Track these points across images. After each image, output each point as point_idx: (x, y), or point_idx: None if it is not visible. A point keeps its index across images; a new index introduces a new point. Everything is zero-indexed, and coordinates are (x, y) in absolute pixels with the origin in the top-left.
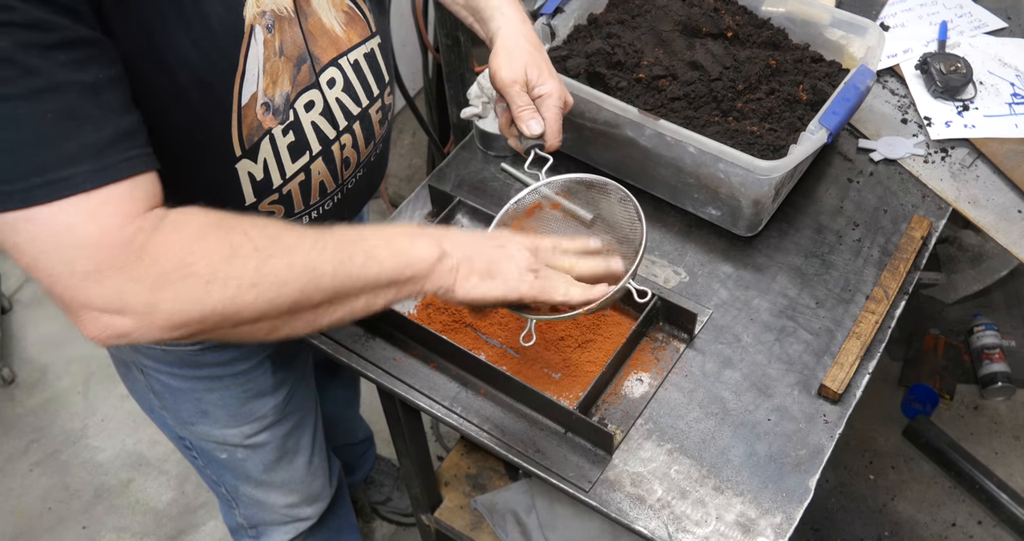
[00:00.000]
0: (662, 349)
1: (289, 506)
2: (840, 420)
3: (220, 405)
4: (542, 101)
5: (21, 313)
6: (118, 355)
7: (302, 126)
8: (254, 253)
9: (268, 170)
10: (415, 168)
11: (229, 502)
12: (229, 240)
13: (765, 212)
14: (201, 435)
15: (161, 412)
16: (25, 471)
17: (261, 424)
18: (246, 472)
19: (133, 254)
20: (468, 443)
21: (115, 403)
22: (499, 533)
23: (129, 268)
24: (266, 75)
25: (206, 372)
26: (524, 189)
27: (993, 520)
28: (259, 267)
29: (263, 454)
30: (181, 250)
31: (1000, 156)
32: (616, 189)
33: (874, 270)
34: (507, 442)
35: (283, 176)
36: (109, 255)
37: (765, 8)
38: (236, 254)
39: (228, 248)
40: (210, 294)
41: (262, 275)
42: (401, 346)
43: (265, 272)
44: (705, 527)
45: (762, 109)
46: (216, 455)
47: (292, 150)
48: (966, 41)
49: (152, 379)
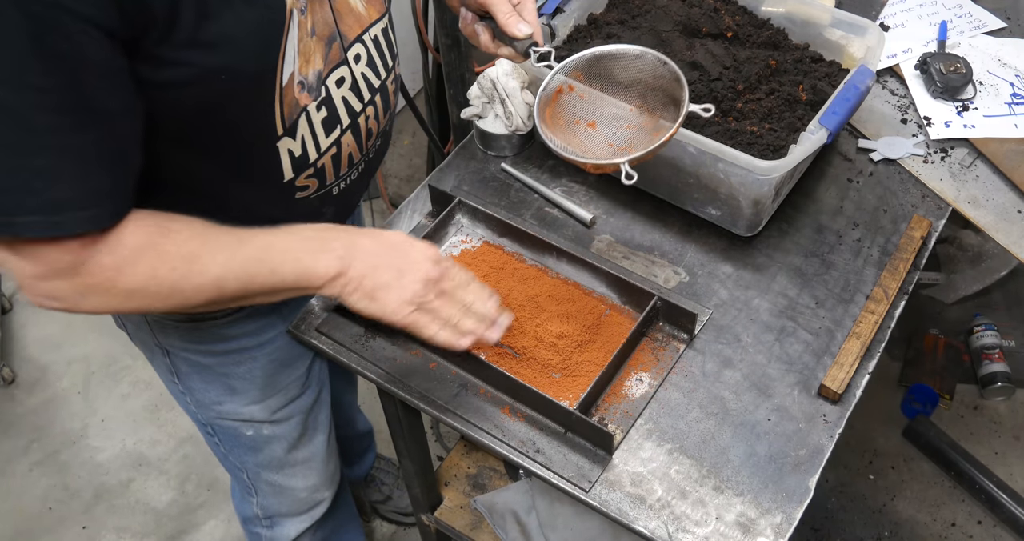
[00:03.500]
0: (662, 349)
1: (310, 489)
2: (840, 420)
3: (247, 378)
4: (522, 6)
5: (21, 313)
6: (144, 340)
7: (333, 101)
8: (170, 274)
9: (305, 146)
10: (415, 168)
11: (249, 490)
12: (152, 264)
13: (765, 212)
14: (227, 414)
15: (183, 397)
16: (25, 471)
17: (286, 397)
18: (271, 453)
19: (73, 270)
20: (468, 443)
21: (115, 403)
22: (499, 533)
23: (67, 277)
24: (300, 55)
25: (235, 345)
26: (548, 75)
27: (993, 520)
28: (174, 285)
29: (288, 429)
30: (111, 272)
31: (1000, 156)
32: (625, 52)
33: (874, 270)
34: (507, 442)
35: (318, 150)
36: (53, 270)
37: (765, 8)
38: (155, 276)
39: (150, 271)
40: (128, 302)
41: (174, 290)
42: (401, 346)
43: (177, 287)
44: (705, 527)
45: (762, 109)
46: (242, 434)
47: (325, 125)
48: (966, 41)
49: (178, 360)
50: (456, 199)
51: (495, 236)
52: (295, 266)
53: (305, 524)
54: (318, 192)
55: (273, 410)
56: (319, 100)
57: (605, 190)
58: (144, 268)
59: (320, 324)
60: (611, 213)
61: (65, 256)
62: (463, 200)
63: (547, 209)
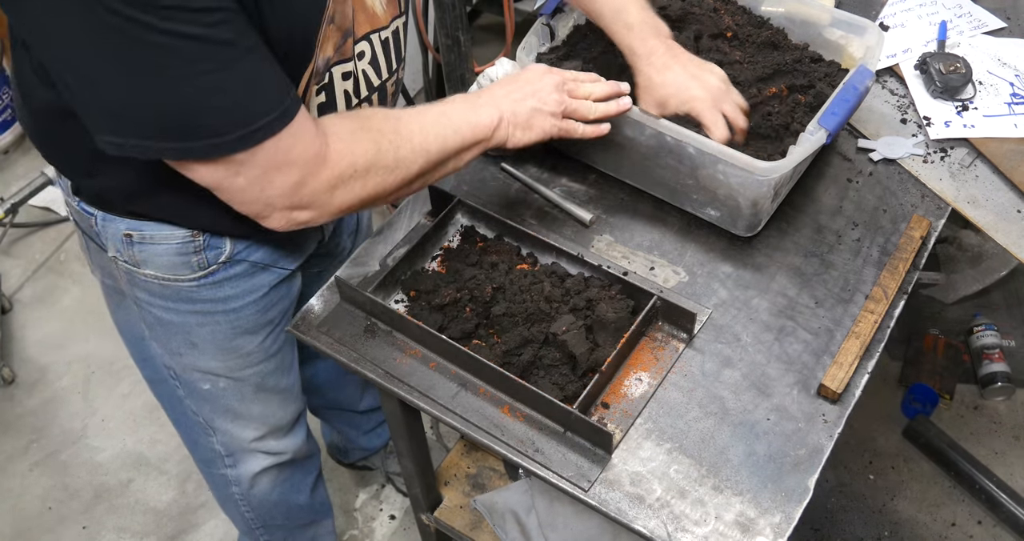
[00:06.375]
0: (661, 349)
1: (257, 439)
2: (839, 420)
3: (209, 339)
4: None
5: (21, 313)
6: (114, 285)
7: (334, 91)
8: (390, 146)
9: None
10: None
11: (207, 430)
12: (373, 139)
13: (764, 212)
14: (187, 365)
15: (151, 341)
16: (25, 471)
17: (246, 361)
18: (225, 403)
19: (321, 162)
20: (468, 443)
21: (115, 403)
22: (499, 533)
23: (318, 173)
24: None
25: (199, 307)
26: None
27: (993, 520)
28: (395, 156)
29: (243, 387)
30: (347, 154)
31: (999, 156)
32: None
33: (873, 270)
34: (507, 442)
35: None
36: (306, 167)
37: (764, 8)
38: (380, 149)
39: (374, 146)
40: (367, 184)
41: (397, 161)
42: (401, 346)
43: (399, 157)
44: (704, 526)
45: (762, 109)
46: (199, 386)
47: (320, 110)
48: (965, 41)
49: (145, 312)
50: (456, 199)
51: (495, 236)
52: (468, 122)
53: (266, 463)
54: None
55: (232, 369)
56: (321, 85)
57: (605, 190)
58: (369, 144)
59: (320, 323)
60: (611, 213)
61: (311, 147)
62: (463, 200)
63: (547, 209)
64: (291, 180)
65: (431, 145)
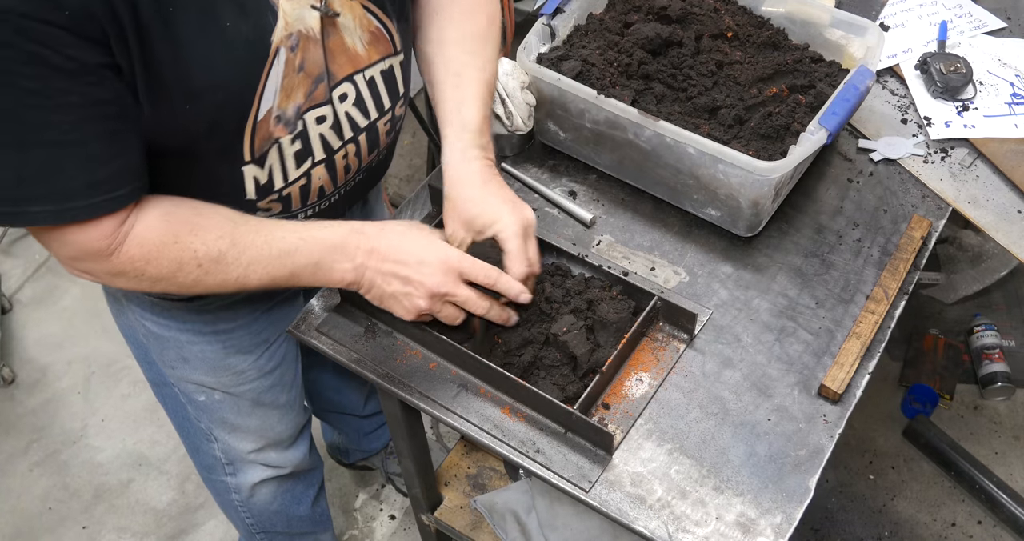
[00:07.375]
0: (662, 349)
1: (255, 451)
2: (840, 420)
3: (200, 357)
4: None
5: (21, 313)
6: (115, 293)
7: (309, 137)
8: (197, 271)
9: (272, 175)
10: (415, 168)
11: (208, 437)
12: (179, 258)
13: (764, 212)
14: (181, 377)
15: (148, 350)
16: (25, 471)
17: (240, 378)
18: (221, 415)
19: (103, 258)
20: (468, 443)
21: (115, 403)
22: (499, 533)
23: (97, 262)
24: (282, 91)
25: (190, 326)
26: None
27: (993, 520)
28: (197, 280)
29: (239, 401)
30: (138, 262)
31: (1000, 156)
32: None
33: (874, 270)
34: (507, 442)
35: (285, 180)
36: (88, 254)
37: (765, 8)
38: (181, 269)
39: (176, 265)
40: (155, 286)
41: (200, 284)
42: (401, 346)
43: (202, 282)
44: (705, 527)
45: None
46: (195, 397)
47: (297, 157)
48: (966, 41)
49: (139, 324)
50: None
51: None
52: (313, 276)
53: (265, 474)
54: (282, 215)
55: (226, 385)
56: (295, 133)
57: (605, 190)
58: (170, 262)
59: (320, 324)
60: (611, 213)
61: (96, 243)
62: None
63: (547, 209)
64: (67, 254)
65: (250, 281)
